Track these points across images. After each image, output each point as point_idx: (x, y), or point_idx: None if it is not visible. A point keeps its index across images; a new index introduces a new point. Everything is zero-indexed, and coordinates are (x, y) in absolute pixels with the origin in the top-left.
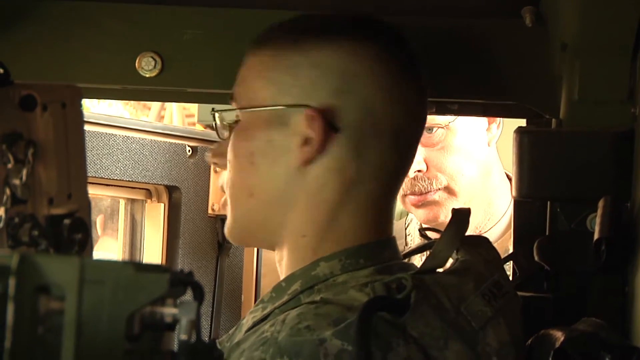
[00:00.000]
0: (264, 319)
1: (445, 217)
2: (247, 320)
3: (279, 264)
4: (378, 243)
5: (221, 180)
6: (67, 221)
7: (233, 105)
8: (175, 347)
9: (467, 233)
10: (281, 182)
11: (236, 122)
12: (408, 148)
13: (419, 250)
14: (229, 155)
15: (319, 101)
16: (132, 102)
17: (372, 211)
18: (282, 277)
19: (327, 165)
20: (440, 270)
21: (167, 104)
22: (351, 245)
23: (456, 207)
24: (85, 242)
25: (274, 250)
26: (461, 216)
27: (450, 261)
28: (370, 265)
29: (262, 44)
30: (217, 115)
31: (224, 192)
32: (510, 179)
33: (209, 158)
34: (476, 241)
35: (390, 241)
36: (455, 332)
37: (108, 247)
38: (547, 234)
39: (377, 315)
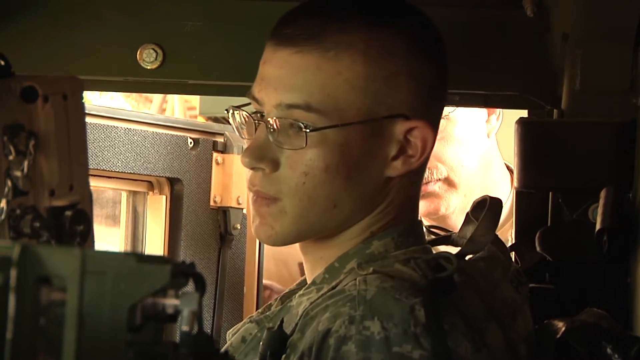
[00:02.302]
0: None
1: (445, 209)
2: (300, 303)
3: (315, 248)
4: (419, 223)
5: (253, 181)
6: (68, 213)
7: (298, 112)
8: (177, 338)
9: None
10: (369, 193)
11: (313, 129)
12: None
13: (440, 241)
14: (306, 167)
15: (414, 110)
16: (133, 94)
17: (417, 194)
18: (309, 260)
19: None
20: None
21: (169, 97)
22: (400, 225)
23: (456, 199)
24: (87, 234)
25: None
26: (496, 203)
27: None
28: (417, 244)
29: (334, 44)
30: (279, 121)
31: (250, 192)
32: (510, 170)
33: (250, 162)
34: None
35: (422, 224)
36: (493, 316)
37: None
38: (549, 224)
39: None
